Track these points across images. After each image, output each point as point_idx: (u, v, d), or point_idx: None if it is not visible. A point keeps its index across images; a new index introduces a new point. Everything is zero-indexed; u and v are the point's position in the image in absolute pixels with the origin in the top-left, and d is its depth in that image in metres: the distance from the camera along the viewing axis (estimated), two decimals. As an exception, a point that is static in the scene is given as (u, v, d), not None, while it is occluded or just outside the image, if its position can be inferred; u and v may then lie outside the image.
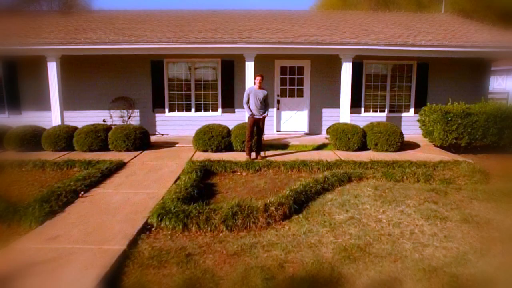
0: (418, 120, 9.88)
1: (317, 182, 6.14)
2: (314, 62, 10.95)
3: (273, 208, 4.94)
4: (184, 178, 6.30)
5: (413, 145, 9.69)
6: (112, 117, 10.99)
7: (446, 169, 7.34)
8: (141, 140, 9.12)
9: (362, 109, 11.31)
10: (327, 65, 10.90)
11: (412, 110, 11.38)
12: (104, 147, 8.97)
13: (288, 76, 11.15)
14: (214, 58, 10.81)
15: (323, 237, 4.45)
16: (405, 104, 11.46)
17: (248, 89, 8.04)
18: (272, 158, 8.17)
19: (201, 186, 6.10)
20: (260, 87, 7.99)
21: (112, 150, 8.99)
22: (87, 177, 6.31)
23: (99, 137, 8.94)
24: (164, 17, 12.46)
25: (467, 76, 11.15)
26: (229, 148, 8.95)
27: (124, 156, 8.41)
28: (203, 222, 4.64)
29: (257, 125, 8.09)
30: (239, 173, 7.38)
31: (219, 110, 11.14)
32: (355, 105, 10.92)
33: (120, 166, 7.50)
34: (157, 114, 11.21)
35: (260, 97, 7.92)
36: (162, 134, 11.21)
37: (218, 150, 8.84)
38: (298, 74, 11.14)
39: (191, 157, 8.28)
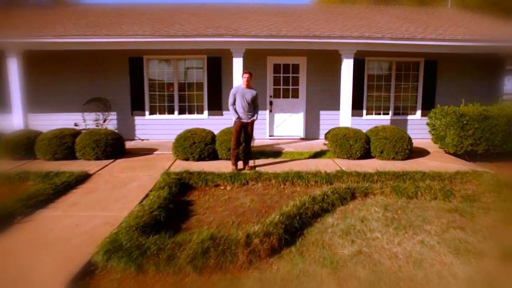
0: (428, 124, 8.80)
1: (314, 201, 5.03)
2: (311, 59, 9.85)
3: (257, 241, 3.82)
4: (152, 197, 5.18)
5: (422, 152, 8.60)
6: (86, 121, 9.83)
7: (465, 182, 6.25)
8: (114, 147, 7.98)
9: (364, 112, 10.22)
10: (325, 63, 9.81)
11: (418, 112, 10.30)
12: (71, 155, 7.82)
13: (282, 75, 10.05)
14: (199, 54, 9.69)
15: (323, 283, 3.33)
16: (411, 105, 10.38)
17: (234, 89, 6.93)
18: (262, 169, 7.06)
19: (170, 207, 4.96)
20: (248, 86, 6.89)
21: (80, 159, 7.84)
22: (33, 195, 5.16)
23: (65, 144, 7.79)
24: (146, 10, 11.35)
25: (479, 75, 10.08)
26: (213, 156, 7.82)
27: (92, 166, 7.26)
28: (164, 262, 3.51)
29: (244, 130, 6.98)
30: (222, 188, 6.26)
31: (205, 112, 10.02)
32: (356, 107, 9.82)
33: (82, 179, 6.35)
34: (136, 117, 10.07)
35: (248, 98, 6.81)
36: (142, 139, 10.07)
37: (200, 158, 7.71)
38: (293, 73, 10.04)
39: (168, 168, 7.16)
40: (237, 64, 8.36)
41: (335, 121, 9.47)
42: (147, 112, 10.04)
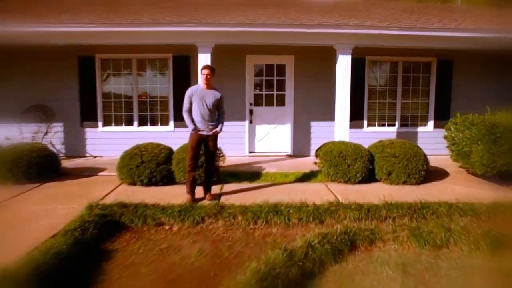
0: (445, 137, 6.99)
1: (291, 260, 3.19)
2: (299, 59, 8.09)
3: None
4: (37, 252, 3.31)
5: (439, 173, 6.77)
6: (23, 133, 7.99)
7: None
8: (42, 167, 6.13)
9: (365, 123, 8.42)
10: (317, 63, 8.05)
11: (431, 123, 8.50)
12: (-17, 179, 5.97)
13: (264, 78, 8.28)
14: (164, 53, 7.93)
15: None
16: (422, 115, 8.59)
17: (190, 90, 5.12)
18: (230, 198, 5.21)
19: (53, 273, 3.07)
20: (210, 87, 5.10)
21: (-5, 183, 5.99)
22: None
23: (-26, 164, 5.95)
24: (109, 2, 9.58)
25: (506, 78, 8.30)
26: (168, 179, 5.97)
27: (2, 194, 5.40)
28: None
29: (205, 146, 5.16)
30: (167, 228, 4.43)
31: (171, 123, 8.20)
32: (356, 117, 8.05)
33: (-33, 215, 4.48)
34: (87, 129, 8.22)
35: (208, 102, 5.01)
36: (94, 156, 8.22)
37: (151, 182, 5.85)
38: (278, 75, 8.27)
39: (103, 197, 5.30)
40: (204, 62, 6.57)
41: (330, 134, 7.67)
42: (100, 123, 8.21)
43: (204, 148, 5.17)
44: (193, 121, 5.07)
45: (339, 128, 7.01)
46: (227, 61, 7.82)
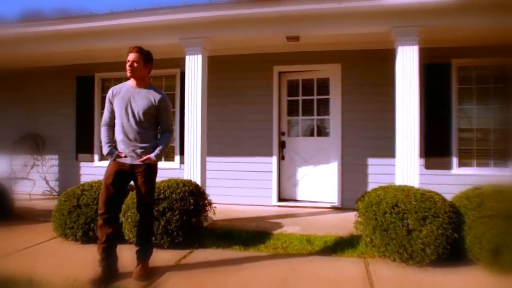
0: None
1: None
2: (348, 68, 5.68)
3: None
4: None
5: None
6: (13, 166, 6.86)
7: None
8: (-24, 207, 4.64)
9: (454, 160, 5.44)
10: (374, 72, 5.56)
11: None
12: None
13: (300, 98, 6.00)
14: (170, 68, 6.21)
15: None
16: (556, 151, 5.33)
17: (111, 91, 3.10)
18: (176, 278, 2.93)
19: None
20: (142, 84, 3.05)
21: None
22: None
23: None
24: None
25: None
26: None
27: None
28: None
29: (135, 184, 3.04)
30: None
31: (177, 158, 6.31)
32: (439, 152, 5.25)
33: None
34: (82, 163, 6.77)
35: (137, 110, 2.96)
36: (88, 197, 6.64)
37: (88, 237, 3.85)
38: (319, 94, 5.93)
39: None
40: (194, 69, 4.62)
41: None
42: (96, 156, 6.70)
43: (136, 190, 3.05)
44: (114, 141, 3.04)
45: (401, 167, 4.25)
46: (247, 76, 5.83)
